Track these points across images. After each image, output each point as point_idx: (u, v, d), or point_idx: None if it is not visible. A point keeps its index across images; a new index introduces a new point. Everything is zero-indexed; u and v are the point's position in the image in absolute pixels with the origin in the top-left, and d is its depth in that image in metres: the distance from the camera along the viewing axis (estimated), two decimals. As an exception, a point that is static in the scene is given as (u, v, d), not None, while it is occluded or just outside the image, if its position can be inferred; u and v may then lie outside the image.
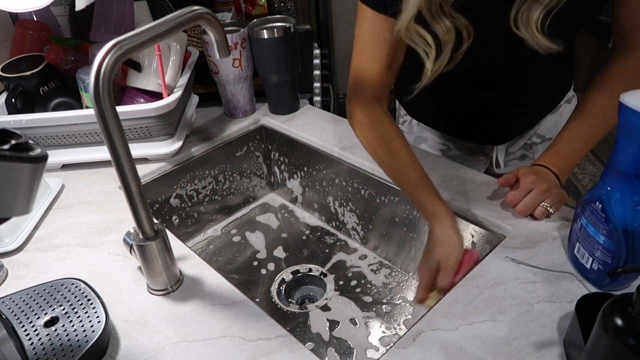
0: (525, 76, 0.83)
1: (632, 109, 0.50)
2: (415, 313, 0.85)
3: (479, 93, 0.86)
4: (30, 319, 0.60)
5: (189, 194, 1.03)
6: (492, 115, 0.90)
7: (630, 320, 0.44)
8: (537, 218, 0.72)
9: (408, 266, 0.93)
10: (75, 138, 0.93)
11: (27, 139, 0.42)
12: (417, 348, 0.56)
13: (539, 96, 0.89)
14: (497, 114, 0.90)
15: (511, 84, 0.84)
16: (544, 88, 0.88)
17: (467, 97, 0.88)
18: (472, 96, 0.87)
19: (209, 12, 0.59)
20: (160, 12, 1.10)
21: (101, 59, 0.50)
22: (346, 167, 0.97)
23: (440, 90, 0.87)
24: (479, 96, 0.86)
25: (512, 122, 0.92)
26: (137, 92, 0.98)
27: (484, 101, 0.87)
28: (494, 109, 0.89)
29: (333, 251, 1.01)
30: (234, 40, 1.00)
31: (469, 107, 0.90)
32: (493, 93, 0.85)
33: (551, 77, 0.87)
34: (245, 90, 1.09)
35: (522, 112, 0.90)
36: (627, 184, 0.55)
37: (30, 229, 0.78)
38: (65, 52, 0.99)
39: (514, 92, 0.85)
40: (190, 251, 0.74)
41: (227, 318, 0.62)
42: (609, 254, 0.58)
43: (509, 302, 0.61)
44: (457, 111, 0.93)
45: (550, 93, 0.91)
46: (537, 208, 0.71)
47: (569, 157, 0.74)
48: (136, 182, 0.57)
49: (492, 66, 0.80)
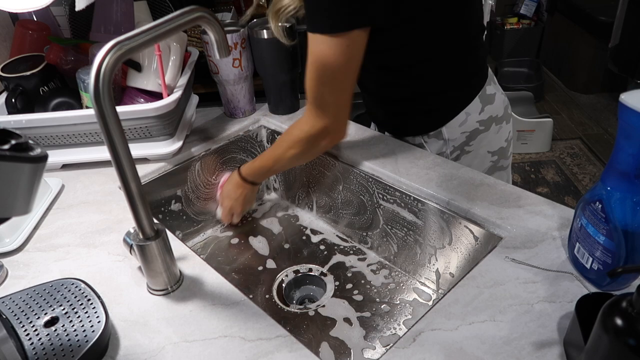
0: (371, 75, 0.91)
1: (632, 109, 0.50)
2: (415, 313, 0.85)
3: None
4: (30, 319, 0.60)
5: (189, 194, 1.03)
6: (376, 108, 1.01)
7: (630, 320, 0.44)
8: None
9: (408, 267, 0.93)
10: (75, 138, 0.93)
11: (27, 139, 0.42)
12: (417, 348, 0.56)
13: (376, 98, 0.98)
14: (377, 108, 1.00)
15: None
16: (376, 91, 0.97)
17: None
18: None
19: (209, 12, 0.59)
20: (160, 12, 1.10)
21: (101, 59, 0.50)
22: (346, 167, 0.96)
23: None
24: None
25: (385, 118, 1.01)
26: (137, 92, 0.98)
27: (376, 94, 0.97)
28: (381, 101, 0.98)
29: (333, 251, 1.01)
30: (234, 40, 1.00)
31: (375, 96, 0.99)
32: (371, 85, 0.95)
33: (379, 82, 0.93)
34: (245, 90, 1.09)
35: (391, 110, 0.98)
36: (627, 184, 0.55)
37: (30, 229, 0.78)
38: (65, 52, 0.99)
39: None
40: (190, 251, 0.74)
41: (227, 318, 0.62)
42: (609, 254, 0.58)
43: (509, 302, 0.61)
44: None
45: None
46: None
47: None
48: (136, 182, 0.57)
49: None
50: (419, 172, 0.87)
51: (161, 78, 0.91)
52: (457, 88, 0.90)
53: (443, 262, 0.86)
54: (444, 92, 0.89)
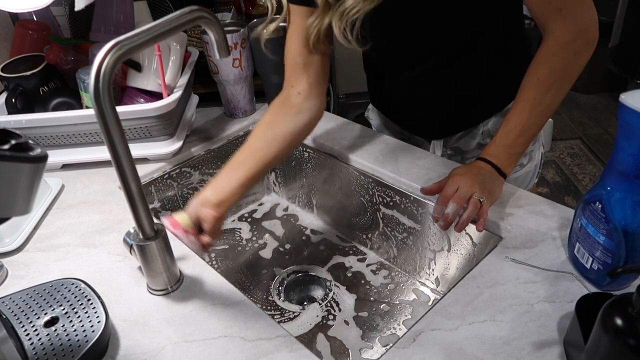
0: (454, 73, 0.84)
1: (632, 109, 0.50)
2: (414, 313, 0.85)
3: (408, 78, 0.88)
4: (30, 319, 0.60)
5: (189, 194, 1.03)
6: (425, 108, 0.92)
7: (630, 320, 0.44)
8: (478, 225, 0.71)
9: (408, 267, 0.93)
10: (75, 138, 0.93)
11: (27, 139, 0.42)
12: (417, 348, 0.56)
13: (470, 94, 0.89)
14: (431, 108, 0.91)
15: (441, 79, 0.85)
16: (472, 87, 0.88)
17: (406, 87, 0.90)
18: (402, 82, 0.89)
19: (209, 12, 0.59)
20: (160, 12, 1.10)
21: (101, 59, 0.50)
22: (346, 167, 0.97)
23: (381, 74, 0.94)
24: (408, 81, 0.88)
25: (445, 118, 0.93)
26: (137, 92, 0.98)
27: (413, 87, 0.89)
28: (429, 102, 0.90)
29: (333, 251, 1.01)
30: (234, 40, 1.00)
31: (407, 97, 0.92)
32: (427, 86, 0.87)
33: (479, 78, 0.87)
34: (245, 90, 1.09)
35: (456, 109, 0.91)
36: (627, 184, 0.55)
37: (30, 229, 0.78)
38: (65, 52, 0.99)
39: (445, 87, 0.87)
40: (190, 251, 0.74)
41: (227, 318, 0.62)
42: (609, 254, 0.58)
43: (509, 302, 0.61)
44: (400, 101, 0.95)
45: (481, 93, 0.90)
46: (469, 200, 0.71)
47: (507, 147, 0.76)
48: (136, 182, 0.57)
49: (414, 54, 0.83)
50: (419, 172, 0.87)
51: (161, 78, 0.91)
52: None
53: (443, 263, 0.86)
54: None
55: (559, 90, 0.74)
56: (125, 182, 0.57)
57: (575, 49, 0.72)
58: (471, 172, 0.74)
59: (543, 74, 0.73)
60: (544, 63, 0.74)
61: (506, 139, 0.76)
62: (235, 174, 0.79)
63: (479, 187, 0.71)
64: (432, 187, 0.77)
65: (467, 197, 0.70)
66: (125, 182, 0.57)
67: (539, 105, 0.74)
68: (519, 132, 0.75)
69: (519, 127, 0.75)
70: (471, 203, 0.70)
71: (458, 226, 0.70)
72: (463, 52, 0.82)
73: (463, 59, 0.83)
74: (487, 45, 0.82)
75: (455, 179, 0.73)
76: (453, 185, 0.72)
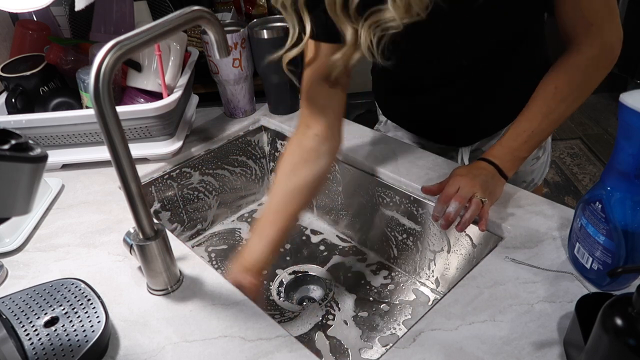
0: (483, 82, 0.84)
1: (632, 109, 0.50)
2: (414, 313, 0.85)
3: (440, 94, 0.86)
4: (30, 319, 0.60)
5: (189, 194, 1.03)
6: (452, 118, 0.90)
7: (630, 320, 0.44)
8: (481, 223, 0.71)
9: (407, 267, 0.93)
10: (75, 138, 0.93)
11: (27, 139, 0.42)
12: (417, 348, 0.56)
13: (499, 101, 0.87)
14: (458, 117, 0.90)
15: (469, 88, 0.84)
16: (502, 94, 0.87)
17: (429, 98, 0.88)
18: (433, 98, 0.88)
19: (209, 12, 0.59)
20: (160, 12, 1.10)
21: (101, 59, 0.50)
22: (346, 167, 0.97)
23: (407, 91, 0.92)
24: (440, 97, 0.87)
25: (473, 125, 0.92)
26: (137, 92, 0.98)
27: (445, 103, 0.88)
28: (454, 112, 0.89)
29: (333, 251, 1.01)
30: (234, 40, 1.00)
31: (431, 108, 0.91)
32: (453, 95, 0.86)
33: (507, 84, 0.86)
34: (245, 90, 1.09)
35: (483, 116, 0.90)
36: (627, 184, 0.55)
37: (30, 229, 0.78)
38: (65, 52, 0.99)
39: (473, 96, 0.86)
40: (190, 251, 0.74)
41: (227, 318, 0.62)
42: (609, 254, 0.58)
43: (509, 302, 0.61)
44: (421, 112, 0.94)
45: (510, 99, 0.86)
46: (471, 200, 0.70)
47: (513, 150, 0.75)
48: (136, 182, 0.57)
49: (445, 70, 0.82)
50: (419, 172, 0.87)
51: (161, 78, 0.91)
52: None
53: (443, 263, 0.86)
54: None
55: (574, 101, 0.74)
56: (125, 182, 0.57)
57: (598, 65, 0.72)
58: (473, 172, 0.73)
59: (561, 84, 0.73)
60: (564, 73, 0.74)
61: (513, 142, 0.75)
62: (267, 237, 0.76)
63: (481, 188, 0.71)
64: (434, 187, 0.77)
65: (468, 196, 0.70)
66: (125, 182, 0.57)
67: (552, 114, 0.74)
68: (527, 137, 0.74)
69: (528, 132, 0.74)
70: (473, 203, 0.70)
71: (460, 226, 0.70)
72: (499, 68, 0.81)
73: (499, 73, 0.82)
74: (521, 62, 0.82)
75: (456, 179, 0.73)
76: (454, 185, 0.72)
